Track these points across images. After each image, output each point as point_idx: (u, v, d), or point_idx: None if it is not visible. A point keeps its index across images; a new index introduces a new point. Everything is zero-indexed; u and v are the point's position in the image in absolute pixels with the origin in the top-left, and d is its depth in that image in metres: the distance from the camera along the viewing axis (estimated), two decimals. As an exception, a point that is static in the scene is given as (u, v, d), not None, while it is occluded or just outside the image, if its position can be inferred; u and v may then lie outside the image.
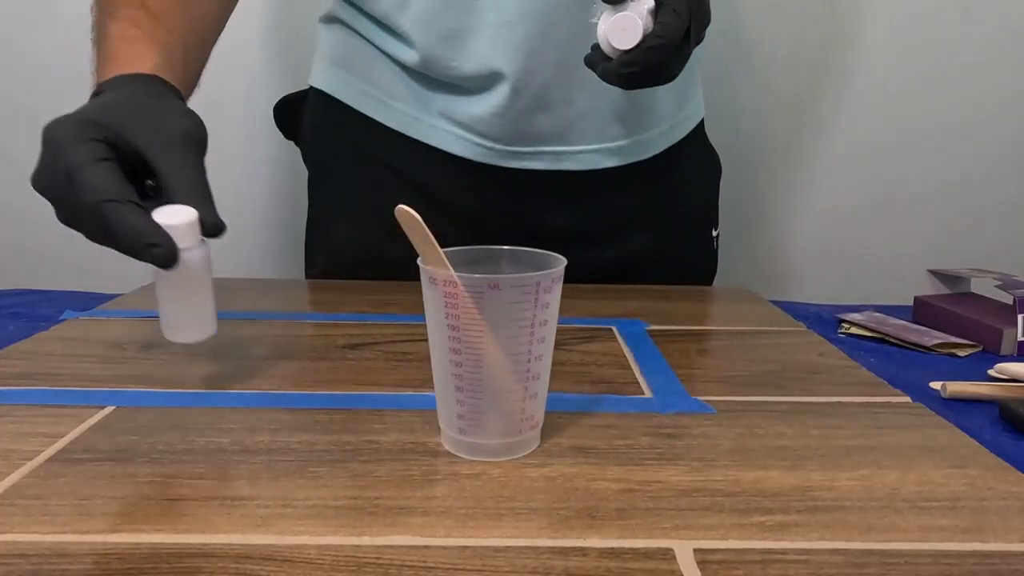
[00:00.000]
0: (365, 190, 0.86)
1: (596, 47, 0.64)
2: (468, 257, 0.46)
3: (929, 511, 0.42)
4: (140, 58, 0.61)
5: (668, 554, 0.37)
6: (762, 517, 0.40)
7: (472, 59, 0.76)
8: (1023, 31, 1.22)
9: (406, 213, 0.42)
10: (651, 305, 0.80)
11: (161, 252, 0.48)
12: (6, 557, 0.36)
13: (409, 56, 0.79)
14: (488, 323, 0.43)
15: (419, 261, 0.45)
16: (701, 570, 0.36)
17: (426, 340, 0.46)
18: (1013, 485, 0.45)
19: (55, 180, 0.51)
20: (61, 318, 0.73)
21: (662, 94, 0.84)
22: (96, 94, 0.58)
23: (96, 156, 0.50)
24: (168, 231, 0.49)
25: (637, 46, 0.59)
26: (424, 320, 0.45)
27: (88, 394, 0.54)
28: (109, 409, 0.52)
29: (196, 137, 0.55)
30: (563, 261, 0.45)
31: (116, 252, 0.51)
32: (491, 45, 0.75)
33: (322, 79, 0.88)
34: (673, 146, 0.88)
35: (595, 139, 0.82)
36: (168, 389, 0.56)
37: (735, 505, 0.42)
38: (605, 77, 0.64)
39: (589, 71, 0.74)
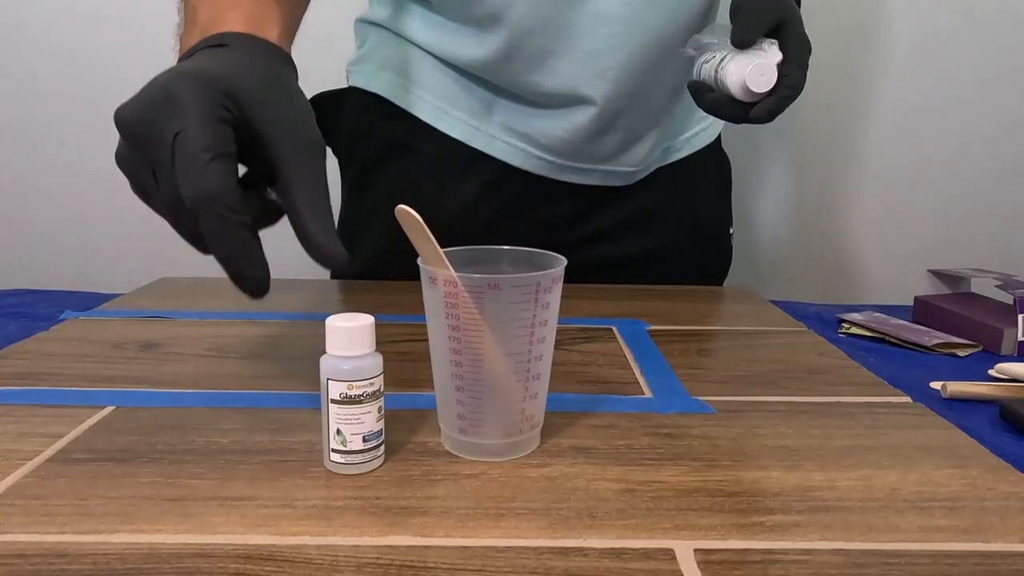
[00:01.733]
0: (408, 192, 0.85)
1: (697, 82, 0.69)
2: (468, 257, 0.46)
3: (929, 511, 0.42)
4: (266, 22, 0.52)
5: (668, 554, 0.37)
6: (762, 517, 0.40)
7: (554, 78, 0.78)
8: None
9: (406, 213, 0.42)
10: (651, 305, 0.80)
11: (249, 287, 0.43)
12: (6, 557, 0.36)
13: (479, 53, 0.79)
14: (488, 323, 0.43)
15: (419, 261, 0.45)
16: (701, 570, 0.36)
17: (426, 340, 0.46)
18: (1013, 485, 0.45)
19: (150, 145, 0.42)
20: (61, 318, 0.73)
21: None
22: (211, 46, 0.47)
23: (219, 146, 0.41)
24: (342, 336, 0.43)
25: (770, 93, 0.64)
26: (424, 320, 0.45)
27: (88, 394, 0.54)
28: (109, 409, 0.52)
29: (324, 146, 0.46)
30: (563, 261, 0.45)
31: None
32: (576, 68, 0.77)
33: (369, 81, 0.86)
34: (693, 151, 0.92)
35: (642, 160, 0.86)
36: (168, 389, 0.56)
37: (735, 505, 0.42)
38: (723, 113, 0.67)
39: (654, 97, 0.81)
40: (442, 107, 0.84)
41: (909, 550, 0.38)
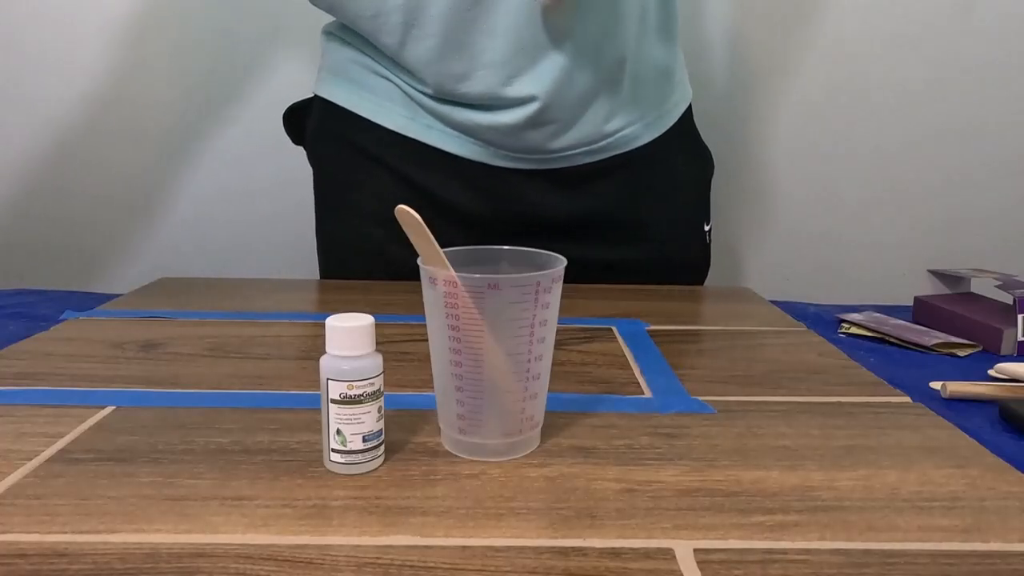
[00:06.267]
0: (364, 190, 0.88)
1: None
2: (468, 257, 0.46)
3: (929, 511, 0.42)
4: None
5: (668, 554, 0.37)
6: (762, 517, 0.40)
7: (478, 85, 0.79)
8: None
9: (406, 213, 0.42)
10: (651, 305, 0.80)
11: None
12: (6, 557, 0.36)
13: (421, 89, 0.83)
14: (488, 323, 0.43)
15: (419, 261, 0.45)
16: (701, 570, 0.36)
17: (426, 340, 0.46)
18: (1013, 485, 0.45)
19: None
20: (61, 318, 0.73)
21: (651, 87, 0.87)
22: None
23: None
24: (342, 336, 0.43)
25: None
26: (424, 320, 0.45)
27: (88, 394, 0.54)
28: (109, 409, 0.52)
29: None
30: (563, 261, 0.45)
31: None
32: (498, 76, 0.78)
33: (323, 88, 0.90)
34: (659, 138, 0.89)
35: (583, 142, 0.84)
36: (168, 389, 0.56)
37: (735, 505, 0.42)
38: None
39: (590, 84, 0.80)
40: (382, 103, 0.86)
41: (909, 550, 0.38)
